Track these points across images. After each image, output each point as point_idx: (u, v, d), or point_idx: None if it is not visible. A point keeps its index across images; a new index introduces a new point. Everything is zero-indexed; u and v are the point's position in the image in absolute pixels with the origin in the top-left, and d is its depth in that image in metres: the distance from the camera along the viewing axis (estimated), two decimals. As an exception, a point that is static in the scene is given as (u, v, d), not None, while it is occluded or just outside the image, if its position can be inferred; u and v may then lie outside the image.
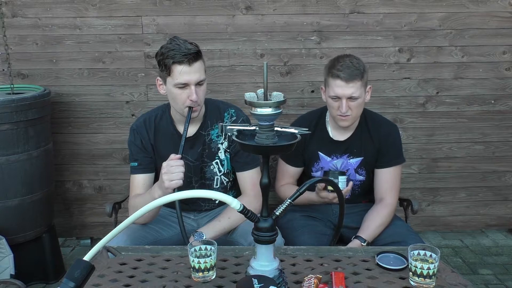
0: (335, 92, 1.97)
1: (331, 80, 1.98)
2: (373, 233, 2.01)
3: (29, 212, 2.60)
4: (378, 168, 2.13)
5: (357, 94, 1.96)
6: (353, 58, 2.00)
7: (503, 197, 3.30)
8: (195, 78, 1.80)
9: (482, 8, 2.97)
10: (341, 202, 1.43)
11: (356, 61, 1.98)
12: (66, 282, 1.03)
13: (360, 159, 2.12)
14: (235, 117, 2.01)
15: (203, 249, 1.40)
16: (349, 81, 1.94)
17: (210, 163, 2.01)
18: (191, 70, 1.79)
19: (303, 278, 1.34)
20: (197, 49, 1.81)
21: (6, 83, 2.80)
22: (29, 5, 2.87)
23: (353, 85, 1.95)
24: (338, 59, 2.00)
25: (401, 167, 2.16)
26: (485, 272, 2.90)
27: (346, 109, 1.97)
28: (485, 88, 3.10)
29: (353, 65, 1.95)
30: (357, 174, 2.15)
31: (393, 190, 2.10)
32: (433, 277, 1.32)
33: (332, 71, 1.98)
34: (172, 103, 1.90)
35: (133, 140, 1.99)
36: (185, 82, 1.80)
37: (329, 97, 2.02)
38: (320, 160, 2.15)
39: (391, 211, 2.08)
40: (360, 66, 1.97)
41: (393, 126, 2.18)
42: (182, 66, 1.77)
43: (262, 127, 1.17)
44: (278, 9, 2.92)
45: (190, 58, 1.77)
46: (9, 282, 2.26)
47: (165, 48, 1.81)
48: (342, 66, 1.95)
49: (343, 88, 1.95)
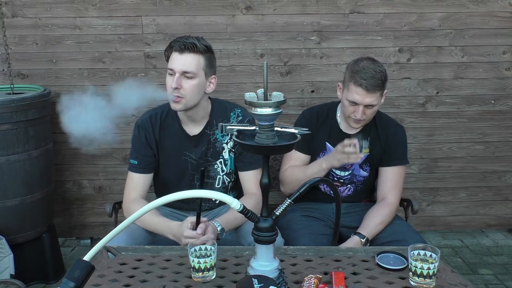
0: (354, 98, 1.96)
1: (352, 85, 1.96)
2: (373, 231, 2.01)
3: (29, 212, 2.60)
4: (382, 166, 2.14)
5: (375, 103, 1.98)
6: (377, 66, 1.97)
7: (503, 197, 3.30)
8: (180, 66, 1.81)
9: (482, 8, 2.97)
10: (337, 203, 1.42)
11: (379, 69, 1.96)
12: (66, 282, 1.03)
13: (366, 155, 2.13)
14: (241, 117, 2.01)
15: (203, 249, 1.40)
16: (370, 91, 1.93)
17: (214, 162, 2.01)
18: (180, 57, 1.81)
19: (303, 278, 1.34)
20: (197, 42, 1.82)
21: (6, 83, 2.80)
22: (29, 5, 2.87)
23: (373, 95, 1.95)
24: (363, 65, 1.96)
25: (405, 168, 2.17)
26: (485, 272, 2.90)
27: (361, 115, 1.98)
28: (485, 88, 3.10)
29: (376, 75, 1.93)
30: (361, 169, 2.16)
31: (395, 190, 2.11)
32: (433, 277, 1.32)
33: (355, 78, 1.95)
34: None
35: (137, 135, 1.99)
36: (171, 68, 1.83)
37: (346, 99, 2.01)
38: (326, 151, 2.16)
39: (392, 211, 2.09)
40: (383, 76, 1.96)
41: (401, 127, 2.20)
42: (175, 53, 1.82)
43: (262, 127, 1.17)
44: (278, 9, 2.92)
45: (182, 47, 1.80)
46: (9, 282, 2.26)
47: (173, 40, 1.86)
48: (366, 75, 1.93)
49: (363, 96, 1.94)
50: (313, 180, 1.28)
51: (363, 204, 2.22)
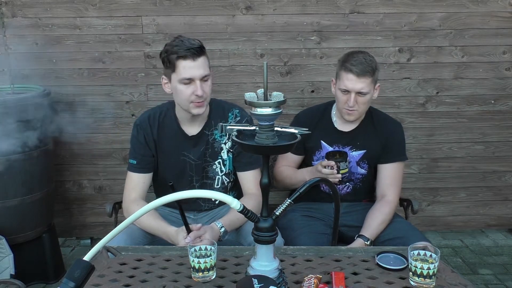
0: (346, 85, 2.02)
1: (343, 73, 2.04)
2: (376, 231, 2.03)
3: (29, 212, 2.60)
4: (380, 163, 2.16)
5: (366, 90, 2.02)
6: (367, 55, 2.06)
7: (503, 197, 3.30)
8: (199, 73, 1.82)
9: (482, 8, 2.97)
10: (336, 204, 1.42)
11: (369, 58, 2.04)
12: (66, 282, 1.03)
13: (363, 152, 2.16)
14: (240, 117, 2.02)
15: (203, 249, 1.40)
16: (360, 76, 1.99)
17: (212, 163, 2.01)
18: (195, 65, 1.81)
19: (303, 278, 1.34)
20: (201, 44, 1.84)
21: (6, 83, 2.80)
22: (29, 5, 2.87)
23: (364, 81, 2.00)
24: (352, 54, 2.06)
25: (403, 165, 2.19)
26: (485, 272, 2.90)
27: (353, 103, 2.03)
28: (485, 88, 3.10)
29: (366, 62, 2.01)
30: (358, 167, 2.17)
31: (394, 186, 2.13)
32: (433, 277, 1.32)
33: (345, 65, 2.03)
34: (177, 99, 1.91)
35: (136, 135, 1.99)
36: (190, 77, 1.81)
37: (338, 90, 2.07)
38: (322, 149, 2.19)
39: (392, 209, 2.10)
40: (372, 64, 2.03)
41: (399, 124, 2.24)
42: (186, 61, 1.80)
43: (262, 127, 1.17)
44: (278, 9, 2.92)
45: (193, 53, 1.80)
46: (9, 282, 2.26)
47: (169, 46, 1.84)
48: (355, 61, 2.01)
49: (353, 82, 2.00)
50: (313, 180, 1.28)
51: (363, 203, 2.23)
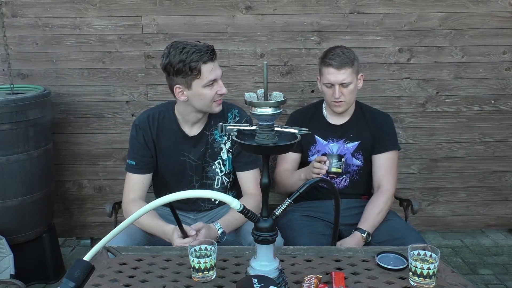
0: (328, 79, 2.11)
1: (324, 68, 2.13)
2: (373, 223, 2.05)
3: (29, 212, 2.60)
4: (374, 154, 2.21)
5: (348, 80, 2.10)
6: (344, 48, 2.16)
7: (503, 197, 3.29)
8: (220, 72, 1.89)
9: (482, 8, 2.97)
10: (336, 205, 1.42)
11: (346, 51, 2.13)
12: (66, 282, 1.03)
13: (357, 143, 2.21)
14: (239, 117, 2.02)
15: (203, 249, 1.40)
16: (340, 68, 2.09)
17: (212, 163, 2.02)
18: (216, 65, 1.87)
19: (303, 278, 1.34)
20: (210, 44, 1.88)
21: (6, 83, 2.80)
22: (29, 5, 2.87)
23: (344, 72, 2.09)
24: (329, 50, 2.16)
25: (397, 154, 2.25)
26: (485, 272, 2.90)
27: (339, 94, 2.11)
28: (485, 88, 3.10)
29: (343, 54, 2.11)
30: (354, 158, 2.21)
31: (389, 175, 2.17)
32: (433, 277, 1.32)
33: (324, 60, 2.14)
34: (199, 103, 1.89)
35: (135, 136, 1.99)
36: (214, 78, 1.85)
37: (323, 85, 2.16)
38: (316, 143, 2.24)
39: (388, 197, 2.13)
40: (350, 55, 2.12)
41: (388, 116, 2.30)
42: (210, 64, 1.83)
43: (262, 127, 1.17)
44: (278, 9, 2.92)
45: (213, 54, 1.84)
46: (9, 282, 2.26)
47: (183, 55, 1.79)
48: (333, 55, 2.11)
49: (335, 75, 2.10)
50: (313, 181, 1.28)
51: (363, 201, 2.23)
